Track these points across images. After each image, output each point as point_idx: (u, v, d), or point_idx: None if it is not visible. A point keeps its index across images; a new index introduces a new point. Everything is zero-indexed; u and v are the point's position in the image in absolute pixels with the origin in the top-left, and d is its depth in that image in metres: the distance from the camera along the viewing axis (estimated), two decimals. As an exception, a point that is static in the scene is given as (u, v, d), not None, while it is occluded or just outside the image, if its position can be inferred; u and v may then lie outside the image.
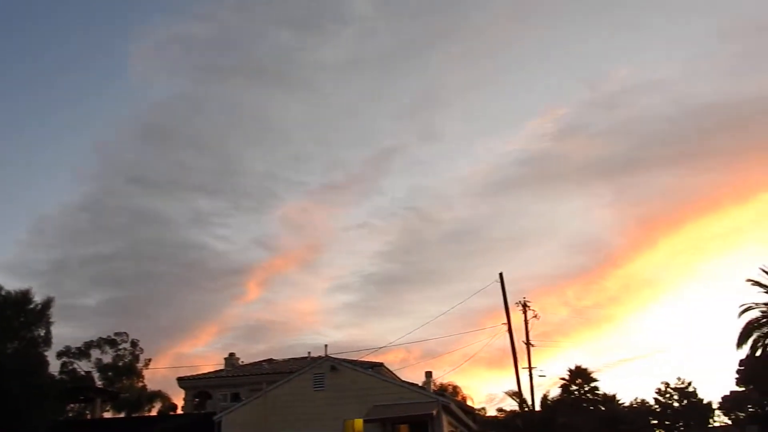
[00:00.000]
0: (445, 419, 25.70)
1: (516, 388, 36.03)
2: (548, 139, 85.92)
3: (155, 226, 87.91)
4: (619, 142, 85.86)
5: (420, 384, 31.16)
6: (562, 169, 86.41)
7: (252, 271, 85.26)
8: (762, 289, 37.46)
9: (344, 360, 28.16)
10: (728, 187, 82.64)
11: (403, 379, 31.97)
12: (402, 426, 24.57)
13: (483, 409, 59.39)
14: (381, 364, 31.73)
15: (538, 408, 42.06)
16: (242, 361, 39.40)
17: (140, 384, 48.99)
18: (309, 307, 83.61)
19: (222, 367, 38.43)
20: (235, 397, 32.74)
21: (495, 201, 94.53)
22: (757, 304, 37.36)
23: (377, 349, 35.28)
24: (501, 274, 33.95)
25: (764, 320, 36.97)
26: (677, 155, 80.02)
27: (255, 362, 39.20)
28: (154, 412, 45.83)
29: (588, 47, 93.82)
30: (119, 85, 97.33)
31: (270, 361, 38.97)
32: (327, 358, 26.98)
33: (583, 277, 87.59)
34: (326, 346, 27.66)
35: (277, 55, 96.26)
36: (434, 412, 24.37)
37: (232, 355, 39.01)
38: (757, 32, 75.41)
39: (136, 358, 49.02)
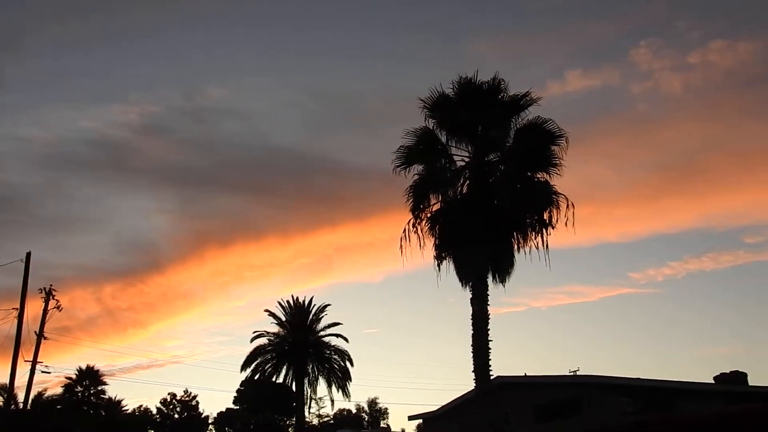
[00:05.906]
0: None
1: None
2: (129, 130, 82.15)
3: None
4: (198, 155, 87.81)
5: None
6: (133, 164, 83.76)
7: None
8: (275, 321, 42.70)
9: None
10: (275, 225, 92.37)
11: None
12: None
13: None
14: None
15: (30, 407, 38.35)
16: None
17: None
18: None
19: None
20: None
21: (51, 175, 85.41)
22: (267, 332, 42.29)
23: None
24: (28, 254, 31.16)
25: (270, 348, 41.92)
26: (245, 184, 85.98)
27: None
28: None
29: (195, 57, 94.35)
30: None
31: None
32: None
33: (125, 277, 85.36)
34: None
35: None
36: None
37: None
38: (337, 100, 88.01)
39: None
